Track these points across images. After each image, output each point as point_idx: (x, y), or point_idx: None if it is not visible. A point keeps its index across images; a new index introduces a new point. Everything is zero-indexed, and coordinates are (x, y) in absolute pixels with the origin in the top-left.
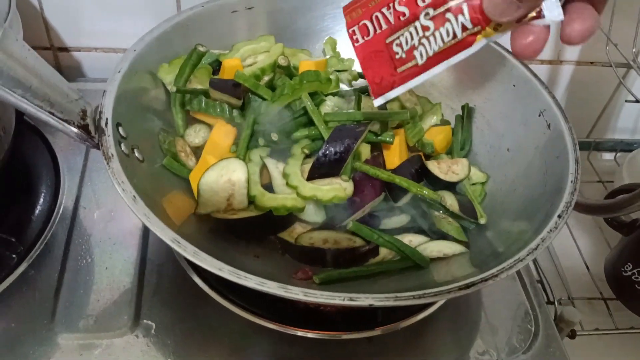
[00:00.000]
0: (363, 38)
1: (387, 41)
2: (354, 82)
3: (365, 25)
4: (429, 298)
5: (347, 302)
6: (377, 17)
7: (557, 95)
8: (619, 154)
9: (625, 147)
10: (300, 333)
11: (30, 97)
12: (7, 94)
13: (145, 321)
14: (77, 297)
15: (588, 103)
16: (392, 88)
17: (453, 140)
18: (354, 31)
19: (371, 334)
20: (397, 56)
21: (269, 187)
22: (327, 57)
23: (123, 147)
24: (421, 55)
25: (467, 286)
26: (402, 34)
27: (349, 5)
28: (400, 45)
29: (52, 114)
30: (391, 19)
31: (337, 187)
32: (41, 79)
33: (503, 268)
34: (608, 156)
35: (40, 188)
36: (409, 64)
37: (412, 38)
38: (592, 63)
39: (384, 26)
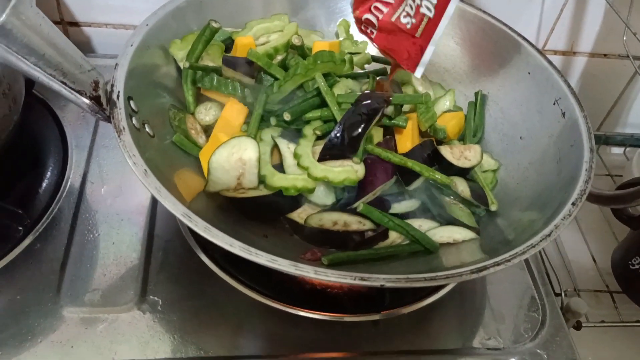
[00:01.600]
0: (374, 29)
1: (394, 20)
2: (367, 65)
3: (368, 19)
4: (441, 280)
5: (358, 282)
6: (376, 6)
7: None
8: (628, 149)
9: (635, 142)
10: (302, 313)
11: (43, 65)
12: (20, 62)
13: (151, 297)
14: (83, 271)
15: (600, 96)
16: (422, 52)
17: (465, 126)
18: (365, 26)
19: (375, 318)
20: (409, 25)
21: (279, 167)
22: (341, 39)
23: (134, 121)
24: (428, 8)
25: (479, 270)
26: (406, 3)
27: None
28: (407, 14)
29: (65, 83)
30: None
31: (349, 169)
32: (55, 48)
33: (516, 253)
34: (617, 150)
35: (48, 162)
36: (423, 24)
37: (414, 0)
38: (605, 55)
39: (385, 9)
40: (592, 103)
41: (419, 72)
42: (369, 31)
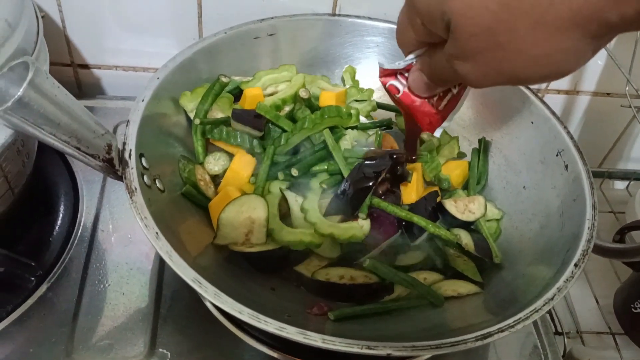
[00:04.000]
0: (398, 92)
1: None
2: (372, 113)
3: (392, 85)
4: (446, 349)
5: (365, 351)
6: (401, 74)
7: (572, 124)
8: (632, 182)
9: (639, 176)
10: None
11: (59, 133)
12: (35, 131)
13: (160, 350)
14: (94, 323)
15: (603, 132)
16: (443, 120)
17: (469, 174)
18: (391, 85)
19: None
20: (435, 97)
21: (286, 216)
22: (347, 86)
23: (145, 179)
24: (454, 86)
25: (484, 337)
26: None
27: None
28: None
29: (79, 148)
30: None
31: (355, 226)
32: (69, 116)
33: (519, 318)
34: (620, 185)
35: (59, 208)
36: (447, 98)
37: None
38: (608, 94)
39: None
40: (595, 139)
41: (438, 133)
42: (392, 93)
